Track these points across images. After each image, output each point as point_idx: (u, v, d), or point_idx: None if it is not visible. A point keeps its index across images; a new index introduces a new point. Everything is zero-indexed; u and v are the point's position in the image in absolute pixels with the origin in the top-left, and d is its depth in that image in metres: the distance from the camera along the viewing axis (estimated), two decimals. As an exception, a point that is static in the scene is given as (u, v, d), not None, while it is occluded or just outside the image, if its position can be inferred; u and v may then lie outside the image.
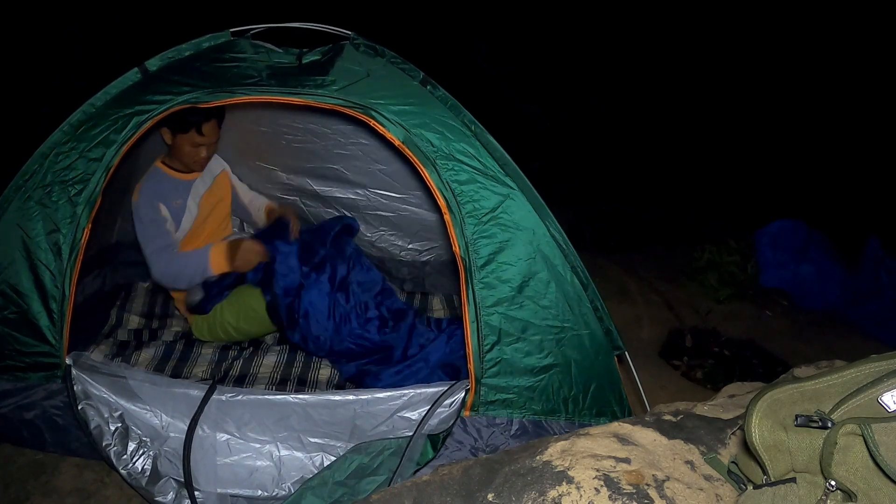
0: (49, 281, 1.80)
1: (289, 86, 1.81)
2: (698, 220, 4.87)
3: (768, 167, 5.65)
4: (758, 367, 3.15)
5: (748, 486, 0.95)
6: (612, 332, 1.87)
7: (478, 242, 1.75)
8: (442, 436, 1.80)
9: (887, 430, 0.75)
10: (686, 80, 6.25)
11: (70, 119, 1.81)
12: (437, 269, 2.99)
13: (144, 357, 2.26)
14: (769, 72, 6.21)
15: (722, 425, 1.17)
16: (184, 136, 2.20)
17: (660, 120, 6.11)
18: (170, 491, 1.84)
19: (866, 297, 3.72)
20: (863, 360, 0.87)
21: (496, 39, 6.50)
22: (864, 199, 5.08)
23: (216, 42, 1.91)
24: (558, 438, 1.12)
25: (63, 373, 1.87)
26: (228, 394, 1.89)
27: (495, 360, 1.78)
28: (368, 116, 1.77)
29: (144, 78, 1.85)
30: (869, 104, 5.67)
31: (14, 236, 1.81)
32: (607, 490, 0.95)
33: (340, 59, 1.86)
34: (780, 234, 3.89)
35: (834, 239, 4.01)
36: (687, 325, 3.41)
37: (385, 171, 2.76)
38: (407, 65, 1.88)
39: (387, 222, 2.94)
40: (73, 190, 1.79)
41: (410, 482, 1.10)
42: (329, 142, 2.72)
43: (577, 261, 1.81)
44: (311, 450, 1.91)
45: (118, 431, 1.85)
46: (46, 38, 4.78)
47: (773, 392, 0.88)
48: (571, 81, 6.33)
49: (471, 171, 1.76)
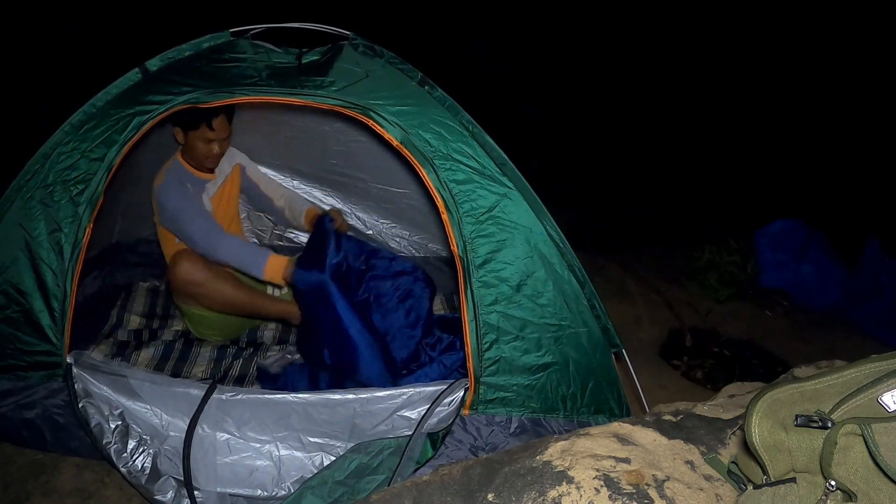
0: (51, 280, 1.81)
1: (288, 86, 1.81)
2: (698, 219, 4.87)
3: (768, 167, 5.65)
4: (758, 367, 3.15)
5: (748, 486, 0.95)
6: (610, 330, 1.88)
7: (476, 241, 1.76)
8: (441, 434, 1.81)
9: (887, 430, 0.75)
10: (686, 79, 6.25)
11: (71, 119, 1.81)
12: (437, 267, 2.99)
13: (144, 356, 2.27)
14: (769, 71, 6.21)
15: (722, 425, 1.17)
16: (195, 132, 2.21)
17: (659, 120, 6.11)
18: (169, 490, 1.84)
19: (866, 297, 3.72)
20: (863, 360, 0.87)
21: (496, 39, 6.50)
22: (864, 199, 5.08)
23: (216, 42, 1.91)
24: (558, 438, 1.12)
25: (64, 371, 1.87)
26: (228, 393, 1.89)
27: (494, 359, 1.78)
28: (367, 117, 1.77)
29: (145, 78, 1.85)
30: (869, 104, 5.67)
31: (16, 236, 1.81)
32: (607, 490, 0.95)
33: (339, 60, 1.86)
34: (780, 235, 3.89)
35: (834, 239, 4.01)
36: (687, 325, 3.41)
37: (384, 167, 2.76)
38: (405, 65, 1.88)
39: (387, 214, 2.95)
40: (74, 189, 1.80)
41: (410, 482, 1.10)
42: (328, 139, 2.72)
43: (574, 259, 1.82)
44: (310, 449, 1.91)
45: (118, 429, 1.86)
46: (46, 38, 4.78)
47: (773, 392, 0.88)
48: (571, 81, 6.34)
49: (468, 171, 1.76)
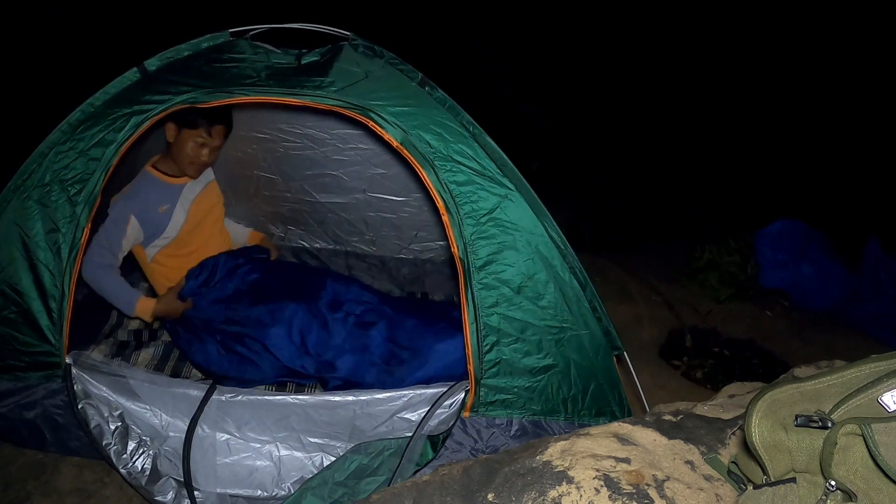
0: (49, 280, 1.80)
1: (287, 86, 1.80)
2: (698, 217, 4.87)
3: (769, 166, 5.65)
4: (758, 367, 3.15)
5: (748, 486, 0.95)
6: (611, 333, 1.87)
7: (476, 243, 1.75)
8: (441, 437, 1.80)
9: (887, 430, 0.74)
10: (686, 79, 6.25)
11: (69, 118, 1.81)
12: (437, 268, 2.99)
13: (144, 357, 2.26)
14: (769, 71, 6.21)
15: (722, 425, 1.17)
16: (191, 131, 2.18)
17: (660, 119, 6.11)
18: (169, 490, 1.84)
19: (866, 297, 3.72)
20: (863, 360, 0.87)
21: (495, 39, 6.50)
22: (864, 199, 5.08)
23: (215, 42, 1.91)
24: (558, 438, 1.12)
25: (63, 372, 1.87)
26: (228, 394, 1.89)
27: (495, 361, 1.78)
28: (366, 118, 1.77)
29: (143, 78, 1.85)
30: (869, 104, 5.67)
31: (13, 236, 1.81)
32: (607, 490, 0.95)
33: (339, 60, 1.85)
34: (780, 235, 3.90)
35: (834, 239, 4.01)
36: (687, 325, 3.41)
37: (385, 174, 2.75)
38: (405, 66, 1.87)
39: (387, 224, 2.94)
40: (72, 189, 1.79)
41: (410, 482, 1.10)
42: (328, 148, 2.71)
43: (575, 261, 1.81)
44: (310, 450, 1.91)
45: (118, 430, 1.85)
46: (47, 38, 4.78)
47: (773, 392, 0.88)
48: (571, 80, 6.33)
49: (469, 173, 1.76)
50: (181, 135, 2.20)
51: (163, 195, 2.29)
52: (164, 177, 2.30)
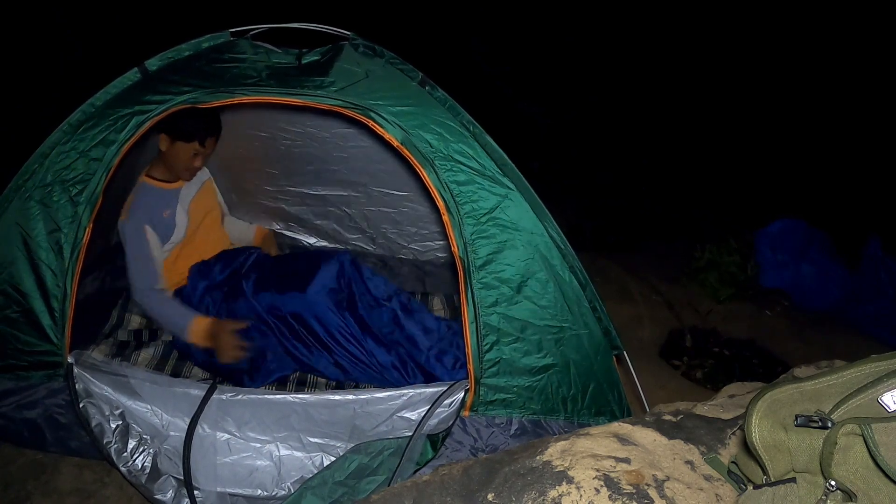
0: (50, 280, 1.81)
1: (288, 86, 1.80)
2: (698, 216, 4.87)
3: (769, 166, 5.65)
4: (758, 367, 3.15)
5: (748, 486, 0.95)
6: (611, 333, 1.88)
7: (476, 243, 1.75)
8: (441, 436, 1.80)
9: (887, 430, 0.74)
10: (687, 78, 6.25)
11: (70, 119, 1.81)
12: (438, 268, 2.99)
13: (144, 356, 2.27)
14: (770, 70, 6.21)
15: (722, 425, 1.17)
16: (186, 144, 2.18)
17: (661, 118, 6.10)
18: (169, 489, 1.84)
19: (866, 297, 3.72)
20: (863, 360, 0.87)
21: (495, 39, 6.50)
22: (864, 199, 5.08)
23: (216, 42, 1.91)
24: (558, 438, 1.12)
25: (65, 371, 1.87)
26: (228, 393, 1.90)
27: (494, 360, 1.78)
28: (367, 117, 1.77)
29: (144, 78, 1.85)
30: (869, 104, 5.67)
31: (15, 236, 1.81)
32: (607, 490, 0.95)
33: (339, 60, 1.85)
34: (780, 234, 3.89)
35: (834, 239, 4.01)
36: (687, 325, 3.41)
37: (385, 170, 2.76)
38: (406, 65, 1.87)
39: (388, 219, 2.94)
40: (73, 190, 1.79)
41: (410, 482, 1.10)
42: (329, 145, 2.71)
43: (575, 261, 1.81)
44: (310, 449, 1.91)
45: (119, 429, 1.86)
46: (47, 38, 4.78)
47: (773, 392, 0.88)
48: (572, 79, 6.33)
49: (469, 172, 1.76)
50: (174, 146, 2.20)
51: (163, 201, 2.31)
52: (160, 184, 2.31)
